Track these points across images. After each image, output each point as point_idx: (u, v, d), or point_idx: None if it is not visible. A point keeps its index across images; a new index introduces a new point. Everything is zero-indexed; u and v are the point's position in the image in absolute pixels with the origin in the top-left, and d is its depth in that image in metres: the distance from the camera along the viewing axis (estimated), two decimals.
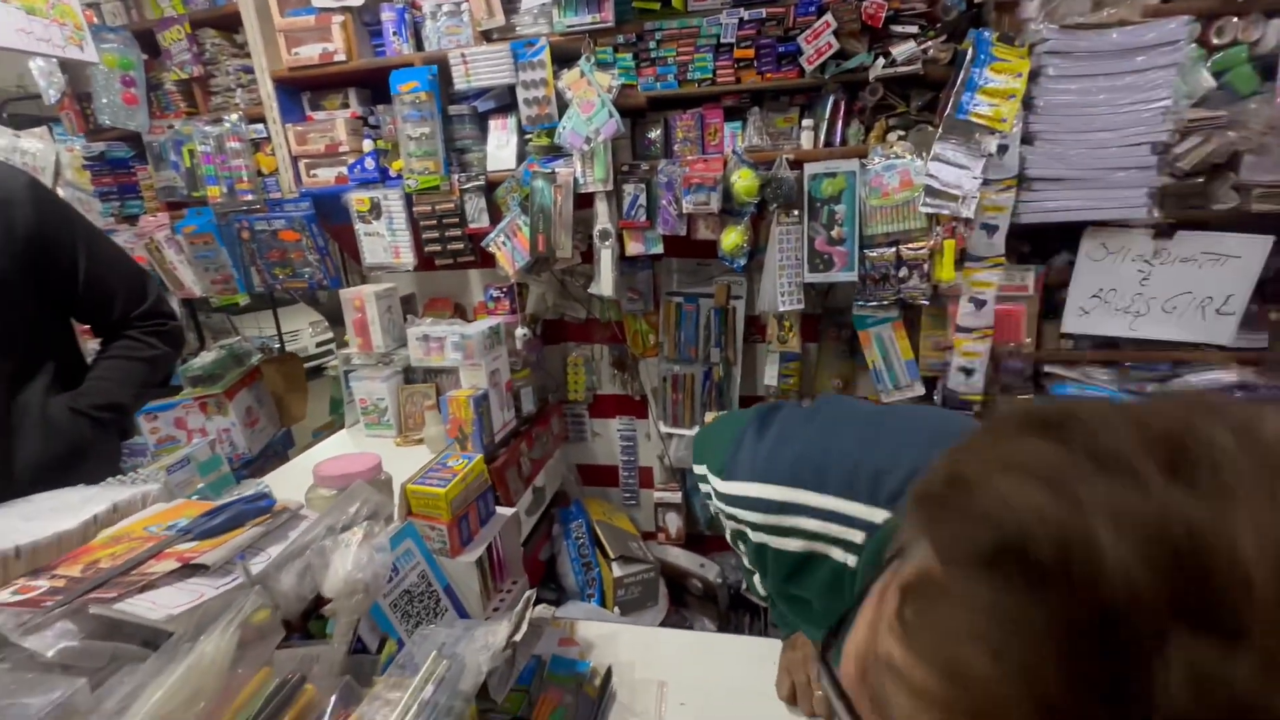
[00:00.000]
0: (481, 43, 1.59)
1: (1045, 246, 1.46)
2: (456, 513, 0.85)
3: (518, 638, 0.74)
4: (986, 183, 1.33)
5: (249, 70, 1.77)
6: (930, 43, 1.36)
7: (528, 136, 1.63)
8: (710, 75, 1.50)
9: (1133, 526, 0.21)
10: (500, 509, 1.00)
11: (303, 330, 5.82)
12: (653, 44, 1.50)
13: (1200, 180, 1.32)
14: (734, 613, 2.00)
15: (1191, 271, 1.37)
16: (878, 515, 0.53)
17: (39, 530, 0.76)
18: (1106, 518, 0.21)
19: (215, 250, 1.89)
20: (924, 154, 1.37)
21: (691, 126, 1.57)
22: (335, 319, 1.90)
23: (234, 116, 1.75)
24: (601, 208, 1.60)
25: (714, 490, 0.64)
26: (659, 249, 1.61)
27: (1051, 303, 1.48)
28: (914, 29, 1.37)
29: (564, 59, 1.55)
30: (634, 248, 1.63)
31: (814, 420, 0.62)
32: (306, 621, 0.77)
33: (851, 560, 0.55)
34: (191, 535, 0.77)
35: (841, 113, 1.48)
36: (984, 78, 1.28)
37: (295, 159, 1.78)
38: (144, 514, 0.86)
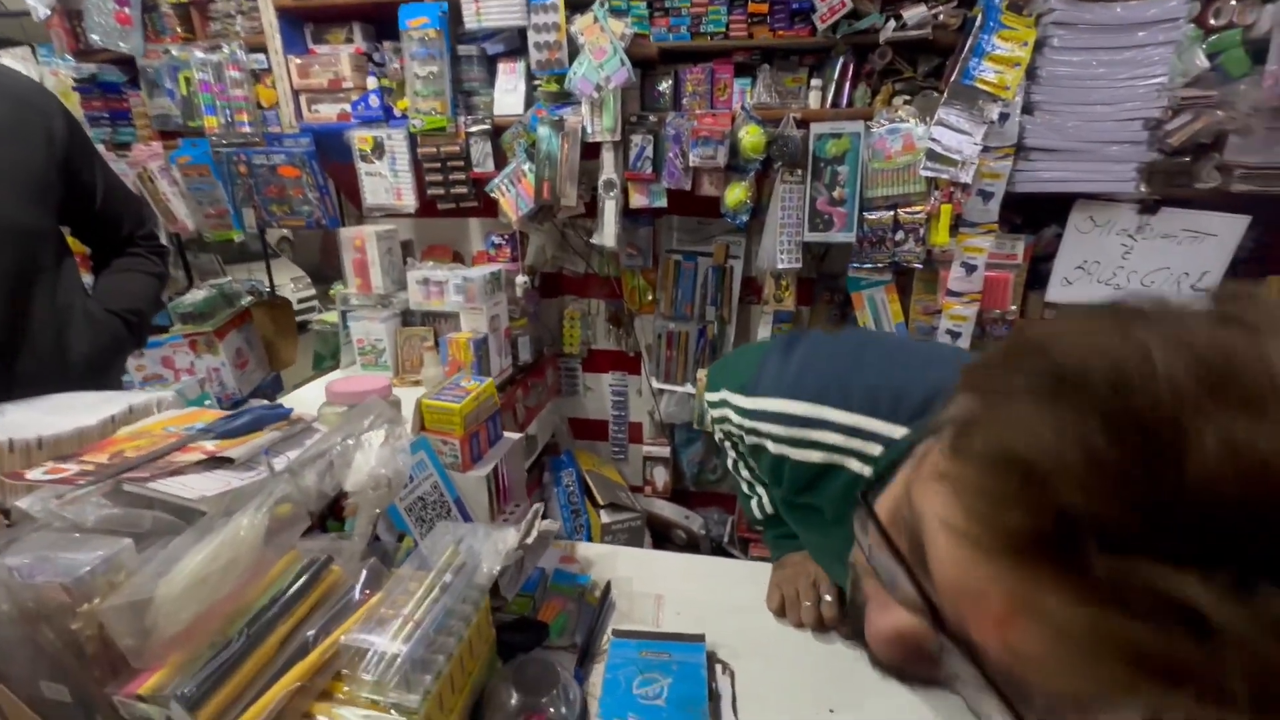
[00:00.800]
0: None
1: (1035, 218, 1.51)
2: (469, 429, 0.89)
3: (529, 541, 0.78)
4: (986, 149, 1.37)
5: None
6: (941, 7, 1.38)
7: (536, 82, 1.62)
8: (724, 29, 1.50)
9: (1179, 347, 0.24)
10: (507, 434, 1.03)
11: (284, 286, 5.74)
12: None
13: (1187, 159, 1.38)
14: None
15: (1171, 247, 1.44)
16: (897, 431, 0.56)
17: (60, 424, 0.78)
18: (1159, 341, 0.24)
19: (211, 184, 1.86)
20: (928, 119, 1.40)
21: (701, 80, 1.58)
22: (318, 276, 1.89)
23: (234, 44, 1.71)
24: (608, 158, 1.61)
25: (736, 407, 0.68)
26: (663, 202, 1.63)
27: (1037, 273, 1.54)
28: None
29: (576, 4, 1.54)
30: (638, 200, 1.65)
31: (840, 344, 0.66)
32: (324, 522, 0.80)
33: (867, 470, 0.59)
34: (213, 435, 0.79)
35: (850, 75, 1.50)
36: (991, 44, 1.31)
37: (297, 93, 1.75)
38: (161, 416, 0.88)
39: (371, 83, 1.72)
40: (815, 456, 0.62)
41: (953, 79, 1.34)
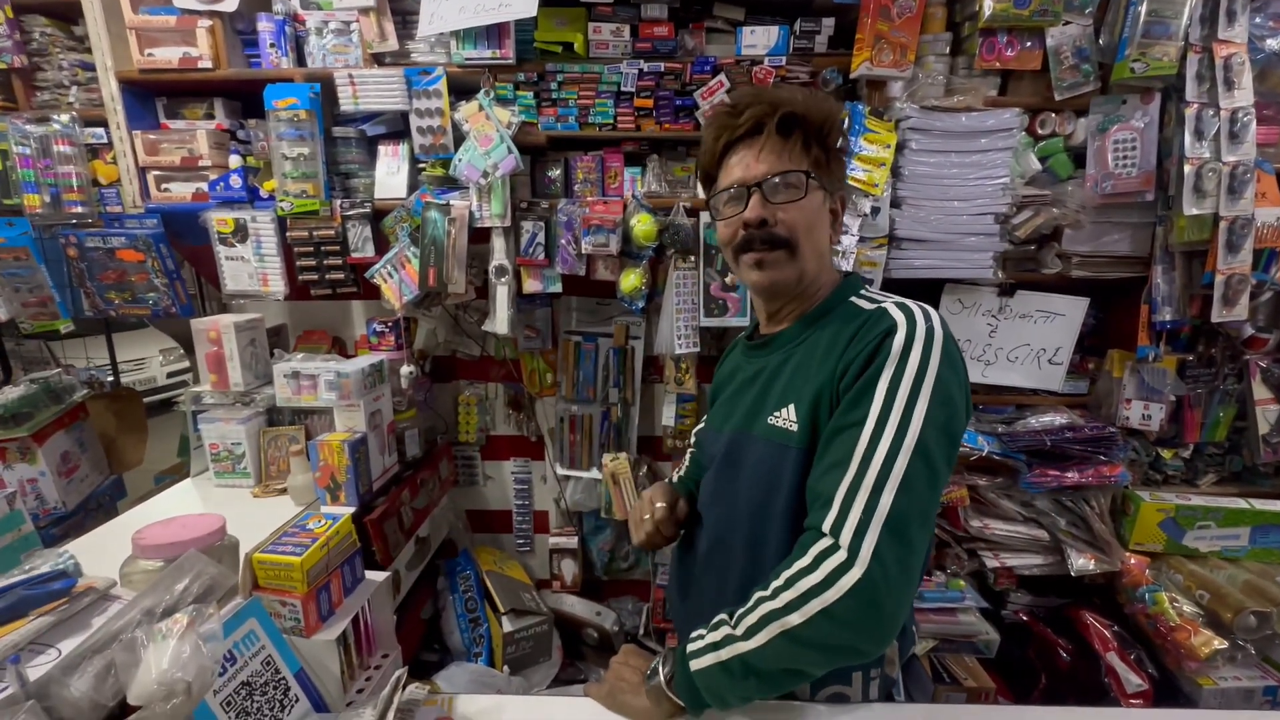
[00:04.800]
0: (372, 65, 1.51)
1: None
2: (315, 584, 0.75)
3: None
4: (863, 240, 1.44)
5: (88, 67, 1.55)
6: None
7: (421, 165, 1.55)
8: (611, 120, 1.52)
9: None
10: (371, 573, 0.89)
11: (151, 358, 5.11)
12: (554, 85, 1.50)
13: (1033, 247, 1.52)
14: None
15: (1029, 326, 1.56)
16: None
17: None
18: None
19: (31, 268, 1.60)
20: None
21: (592, 168, 1.58)
22: (191, 345, 1.67)
23: (65, 117, 1.52)
24: (498, 243, 1.55)
25: None
26: (557, 288, 1.58)
27: None
28: None
29: (462, 90, 1.51)
30: (532, 285, 1.59)
31: None
32: None
33: None
34: None
35: None
36: (859, 146, 1.40)
37: (143, 170, 1.57)
38: None
39: (235, 161, 1.57)
40: None
41: None
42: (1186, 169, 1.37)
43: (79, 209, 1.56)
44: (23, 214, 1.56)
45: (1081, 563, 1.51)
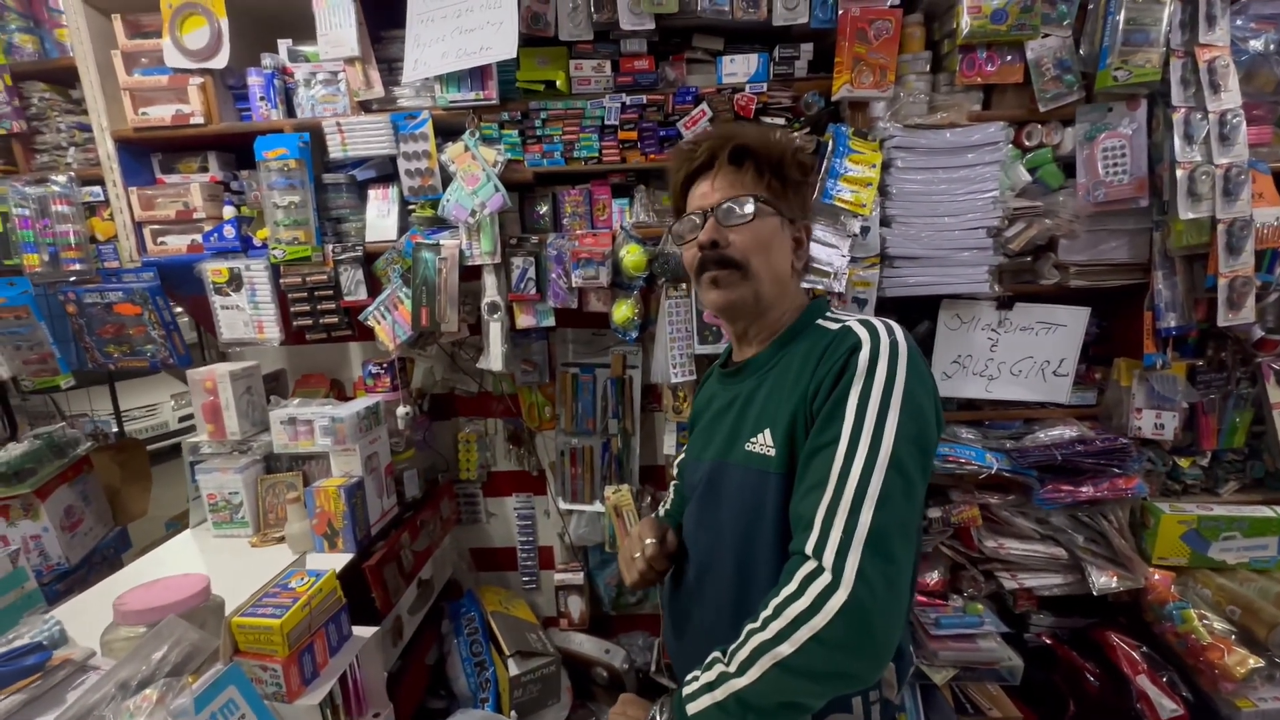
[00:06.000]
0: (359, 113, 1.54)
1: (910, 317, 1.58)
2: (296, 646, 0.72)
3: None
4: (854, 260, 1.43)
5: (85, 128, 1.59)
6: (796, 134, 1.47)
7: (410, 207, 1.57)
8: (596, 154, 1.53)
9: None
10: (359, 629, 0.87)
11: (163, 404, 5.15)
12: (538, 122, 1.52)
13: (1029, 259, 1.50)
14: None
15: (1031, 339, 1.53)
16: None
17: None
18: None
19: (30, 325, 1.62)
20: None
21: (580, 202, 1.59)
22: None
23: (62, 178, 1.55)
24: (490, 280, 1.55)
25: None
26: (550, 321, 1.58)
27: None
28: (781, 121, 1.49)
29: (448, 132, 1.53)
30: (524, 320, 1.58)
31: None
32: None
33: None
34: None
35: None
36: (844, 167, 1.40)
37: (139, 225, 1.59)
38: None
39: (228, 212, 1.60)
40: None
41: (814, 198, 1.40)
42: (1179, 173, 1.36)
43: (77, 266, 1.58)
44: (23, 273, 1.58)
45: (1103, 580, 1.46)
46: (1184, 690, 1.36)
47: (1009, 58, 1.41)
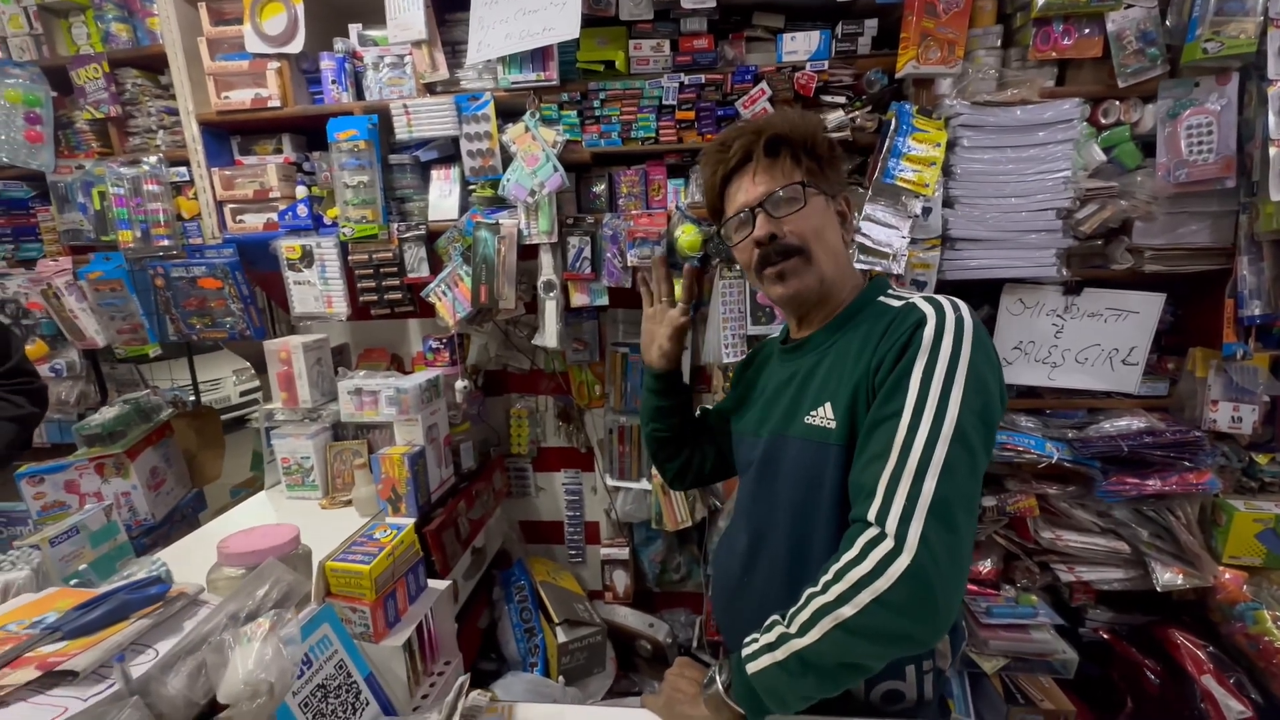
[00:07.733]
0: (425, 95, 1.58)
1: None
2: (382, 591, 0.78)
3: None
4: (914, 242, 1.40)
5: (172, 112, 1.69)
6: (857, 113, 1.45)
7: (471, 187, 1.61)
8: (653, 134, 1.54)
9: None
10: (433, 582, 0.92)
11: (225, 379, 5.44)
12: (597, 103, 1.53)
13: (1100, 243, 1.45)
14: None
15: (1099, 326, 1.48)
16: None
17: None
18: None
19: (124, 298, 1.75)
20: (857, 214, 1.43)
21: (636, 182, 1.60)
22: (262, 365, 1.77)
23: (153, 159, 1.66)
24: (546, 259, 1.59)
25: None
26: (604, 301, 1.61)
27: None
28: (842, 99, 1.47)
29: (509, 114, 1.56)
30: (579, 299, 1.62)
31: None
32: None
33: None
34: (60, 634, 0.67)
35: None
36: (907, 146, 1.37)
37: (220, 204, 1.69)
38: (8, 606, 0.75)
39: (301, 191, 1.68)
40: None
41: (875, 177, 1.38)
42: (1272, 152, 1.28)
43: (165, 242, 1.69)
44: (118, 249, 1.71)
45: (1168, 577, 1.41)
46: (1253, 692, 1.31)
47: (1087, 30, 1.35)
